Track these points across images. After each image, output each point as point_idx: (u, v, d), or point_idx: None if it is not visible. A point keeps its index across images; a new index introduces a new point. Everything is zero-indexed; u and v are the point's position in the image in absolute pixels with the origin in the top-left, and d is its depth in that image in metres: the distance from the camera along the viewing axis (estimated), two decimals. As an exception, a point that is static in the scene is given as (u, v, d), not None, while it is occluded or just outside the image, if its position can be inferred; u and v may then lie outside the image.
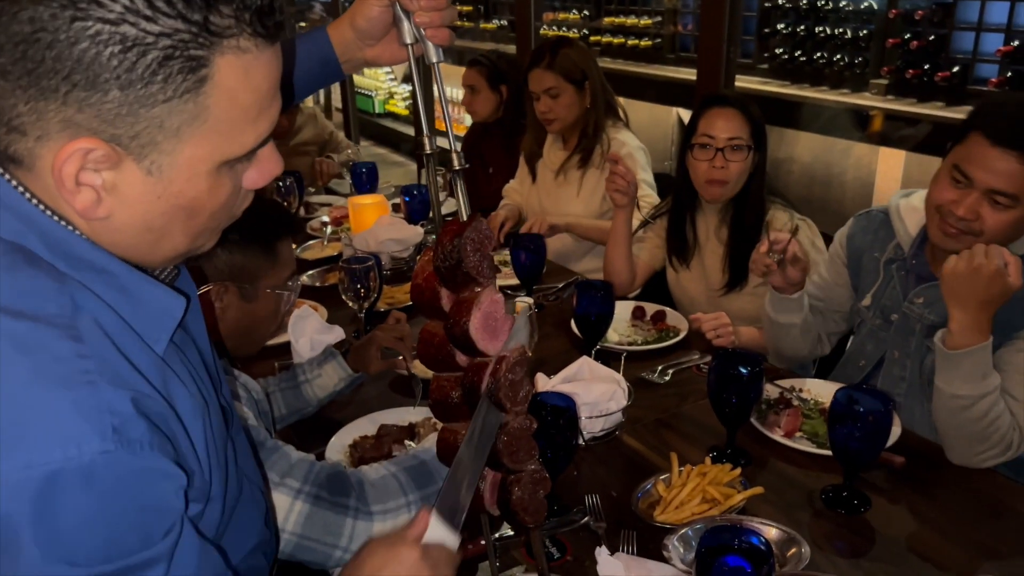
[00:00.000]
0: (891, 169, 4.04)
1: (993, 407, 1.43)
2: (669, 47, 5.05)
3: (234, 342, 1.44)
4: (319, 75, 1.12)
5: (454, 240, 0.95)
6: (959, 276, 1.40)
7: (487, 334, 0.98)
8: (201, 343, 0.85)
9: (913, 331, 1.69)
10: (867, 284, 1.81)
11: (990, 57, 3.47)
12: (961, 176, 1.50)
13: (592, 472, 1.53)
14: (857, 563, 1.27)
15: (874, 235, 1.80)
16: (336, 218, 2.92)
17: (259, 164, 0.75)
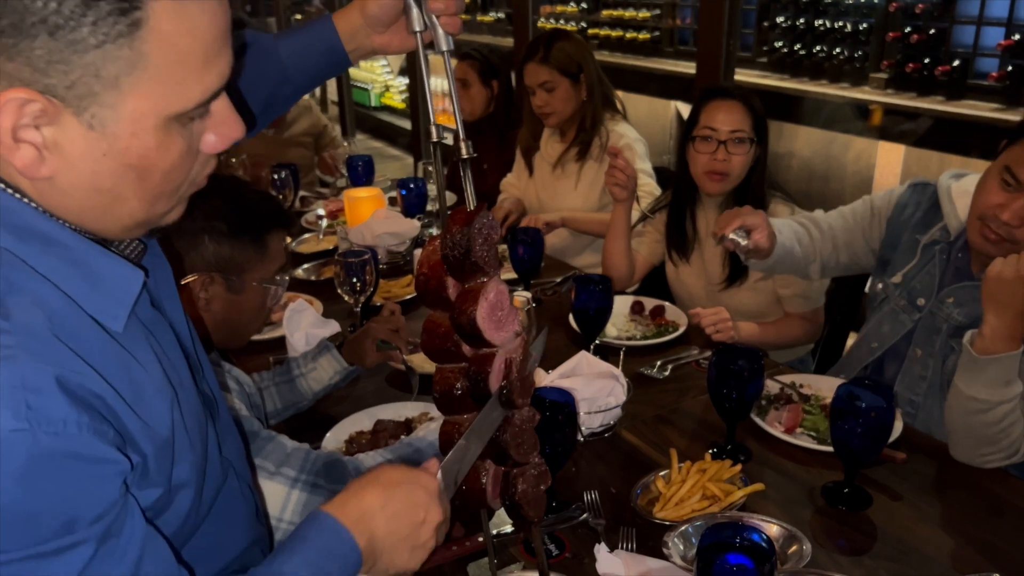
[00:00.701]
0: (890, 164, 4.03)
1: (1009, 414, 1.39)
2: (668, 40, 5.04)
3: (220, 334, 1.41)
4: (325, 65, 1.09)
5: (464, 229, 0.94)
6: (1003, 282, 1.34)
7: (494, 324, 0.97)
8: (178, 327, 0.83)
9: (939, 330, 1.63)
10: (900, 262, 1.75)
11: (991, 51, 3.46)
12: (1012, 179, 1.44)
13: (591, 468, 1.51)
14: (859, 560, 1.26)
15: (924, 213, 1.73)
16: (332, 211, 2.90)
17: (217, 127, 0.72)
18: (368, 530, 0.82)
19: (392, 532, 0.84)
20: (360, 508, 0.83)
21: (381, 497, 0.84)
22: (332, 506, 0.83)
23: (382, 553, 0.83)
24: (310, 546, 0.79)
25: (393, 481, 0.86)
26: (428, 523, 0.86)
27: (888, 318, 1.75)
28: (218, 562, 0.78)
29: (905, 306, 1.71)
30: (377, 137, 8.34)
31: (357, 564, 0.81)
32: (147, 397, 0.71)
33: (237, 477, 0.89)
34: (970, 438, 1.44)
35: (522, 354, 1.01)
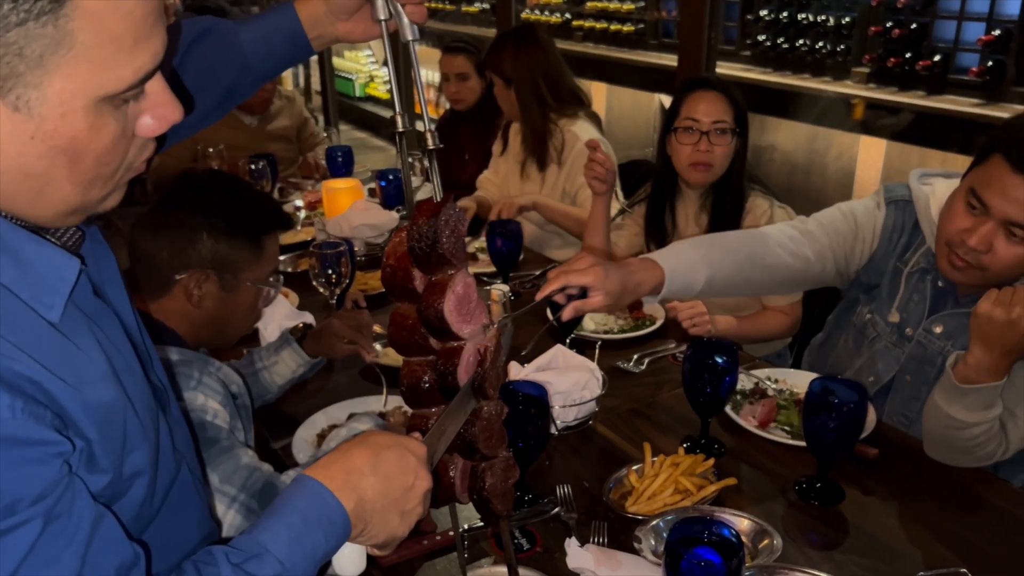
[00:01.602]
0: (872, 158, 4.04)
1: (984, 434, 1.38)
2: (652, 33, 5.03)
3: (209, 332, 1.40)
4: (287, 52, 1.08)
5: (430, 220, 0.93)
6: (993, 322, 1.29)
7: (461, 317, 0.96)
8: (124, 316, 0.81)
9: (932, 362, 1.56)
10: (889, 294, 1.64)
11: (971, 46, 3.47)
12: (977, 202, 1.38)
13: (565, 462, 1.50)
14: (829, 555, 1.26)
15: (908, 238, 1.62)
16: (310, 202, 2.87)
17: (153, 109, 0.70)
18: (356, 493, 0.79)
19: (383, 495, 0.81)
20: (347, 470, 0.80)
21: (370, 459, 0.81)
22: (316, 468, 0.80)
23: (372, 516, 0.81)
24: (292, 512, 0.76)
25: (382, 443, 0.83)
26: (417, 488, 0.83)
27: (882, 355, 1.66)
28: (174, 555, 0.76)
29: (896, 340, 1.64)
30: (361, 128, 8.29)
31: (345, 529, 0.78)
32: (90, 383, 0.69)
33: (190, 471, 0.87)
34: (944, 446, 1.44)
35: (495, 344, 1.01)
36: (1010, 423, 1.41)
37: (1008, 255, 1.38)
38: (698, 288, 1.48)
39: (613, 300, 1.32)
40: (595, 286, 1.29)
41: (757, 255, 1.56)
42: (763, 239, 1.60)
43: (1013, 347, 1.30)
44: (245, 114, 3.33)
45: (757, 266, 1.56)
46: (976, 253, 1.39)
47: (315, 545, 0.76)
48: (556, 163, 2.68)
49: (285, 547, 0.73)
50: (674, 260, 1.44)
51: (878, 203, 1.67)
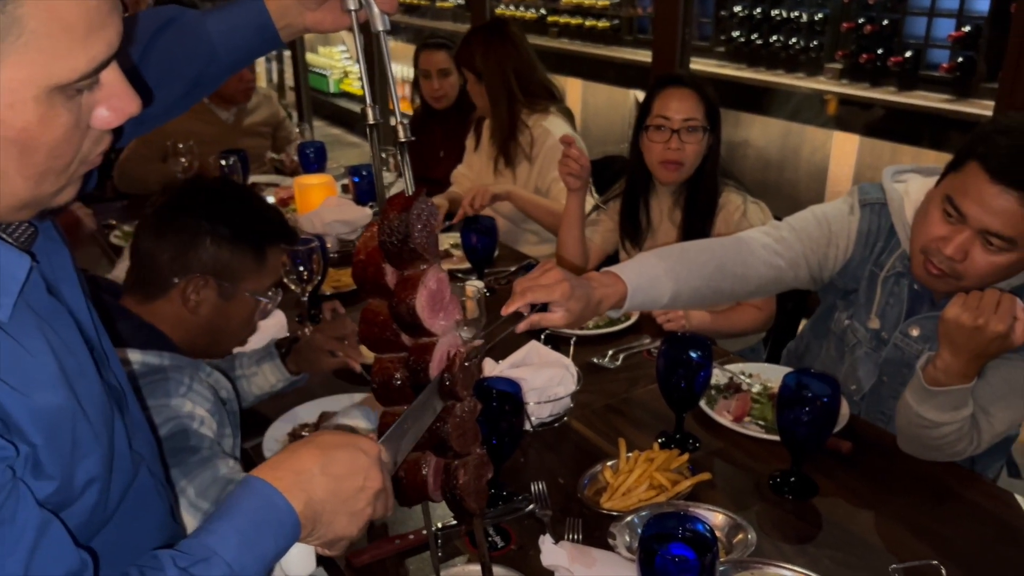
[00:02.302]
0: (845, 154, 4.07)
1: (955, 433, 1.38)
2: (627, 29, 5.03)
3: (204, 341, 1.37)
4: (255, 42, 1.05)
5: (402, 215, 0.92)
6: (961, 328, 1.27)
7: (434, 312, 0.95)
8: (80, 315, 0.78)
9: (909, 364, 1.54)
10: (867, 299, 1.63)
11: (942, 43, 3.50)
12: (954, 210, 1.36)
13: (540, 459, 1.50)
14: (803, 549, 1.26)
15: (884, 242, 1.60)
16: (282, 199, 2.84)
17: (109, 100, 0.68)
18: (305, 493, 0.77)
19: (333, 495, 0.79)
20: (296, 470, 0.78)
21: (320, 459, 0.79)
22: (265, 469, 0.78)
23: (321, 517, 0.79)
24: (240, 514, 0.74)
25: (332, 443, 0.82)
26: (367, 489, 0.81)
27: (862, 362, 1.65)
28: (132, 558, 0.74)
29: (875, 345, 1.63)
30: (336, 124, 8.22)
31: (294, 530, 0.77)
32: (37, 387, 0.67)
33: (150, 473, 0.85)
34: (916, 442, 1.44)
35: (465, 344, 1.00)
36: (983, 421, 1.42)
37: (984, 264, 1.36)
38: (663, 302, 1.45)
39: (574, 319, 1.28)
40: (559, 303, 1.25)
41: (728, 266, 1.53)
42: (735, 248, 1.57)
43: (981, 351, 1.29)
44: (221, 109, 3.29)
45: (728, 276, 1.53)
46: (952, 262, 1.38)
47: (264, 547, 0.74)
48: (527, 159, 2.67)
49: (233, 550, 0.72)
50: (637, 275, 1.40)
51: (852, 207, 1.64)
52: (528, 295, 1.25)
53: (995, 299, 1.26)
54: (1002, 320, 1.24)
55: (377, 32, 0.96)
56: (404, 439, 0.90)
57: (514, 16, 5.92)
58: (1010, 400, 1.42)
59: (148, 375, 1.18)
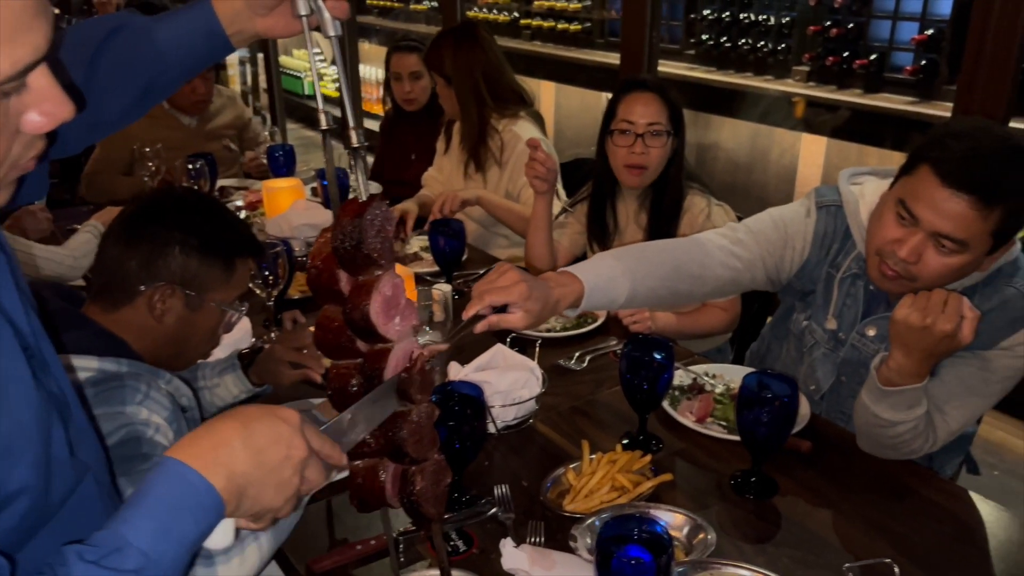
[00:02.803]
0: (813, 155, 4.11)
1: (910, 432, 1.40)
2: (599, 32, 5.04)
3: (167, 351, 1.36)
4: (205, 49, 1.04)
5: (354, 220, 0.92)
6: (910, 328, 1.29)
7: (389, 319, 0.95)
8: (17, 320, 0.77)
9: (866, 364, 1.54)
10: (823, 300, 1.65)
11: (905, 46, 3.55)
12: (906, 213, 1.38)
13: (504, 462, 1.50)
14: (762, 548, 1.27)
15: (840, 243, 1.62)
16: (251, 203, 2.82)
17: (39, 104, 0.66)
18: (226, 468, 0.74)
19: (256, 467, 0.75)
20: (214, 445, 0.75)
21: (239, 431, 0.76)
22: (179, 447, 0.75)
23: (246, 490, 0.75)
24: (154, 499, 0.71)
25: (252, 415, 0.78)
26: (292, 458, 0.78)
27: (821, 363, 1.67)
28: None
29: (834, 346, 1.65)
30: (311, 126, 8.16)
31: (217, 507, 0.73)
32: None
33: (96, 482, 0.84)
34: (873, 441, 1.47)
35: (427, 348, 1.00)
36: (938, 418, 1.44)
37: (937, 266, 1.38)
38: (620, 302, 1.46)
39: (533, 319, 1.29)
40: (518, 304, 1.26)
41: (684, 266, 1.55)
42: (692, 249, 1.59)
43: (932, 350, 1.31)
44: (183, 114, 3.25)
45: (684, 277, 1.55)
46: (906, 264, 1.40)
47: (183, 530, 0.71)
48: (497, 164, 2.67)
49: (148, 537, 0.69)
50: (594, 274, 1.41)
51: (808, 209, 1.66)
52: (487, 298, 1.26)
53: (942, 299, 1.28)
54: (949, 320, 1.26)
55: (328, 37, 0.96)
56: (353, 430, 0.88)
57: (487, 19, 5.92)
58: (963, 398, 1.44)
59: (104, 382, 1.17)
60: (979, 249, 1.36)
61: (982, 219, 1.32)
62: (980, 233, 1.34)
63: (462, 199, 2.49)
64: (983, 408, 1.48)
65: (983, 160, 1.31)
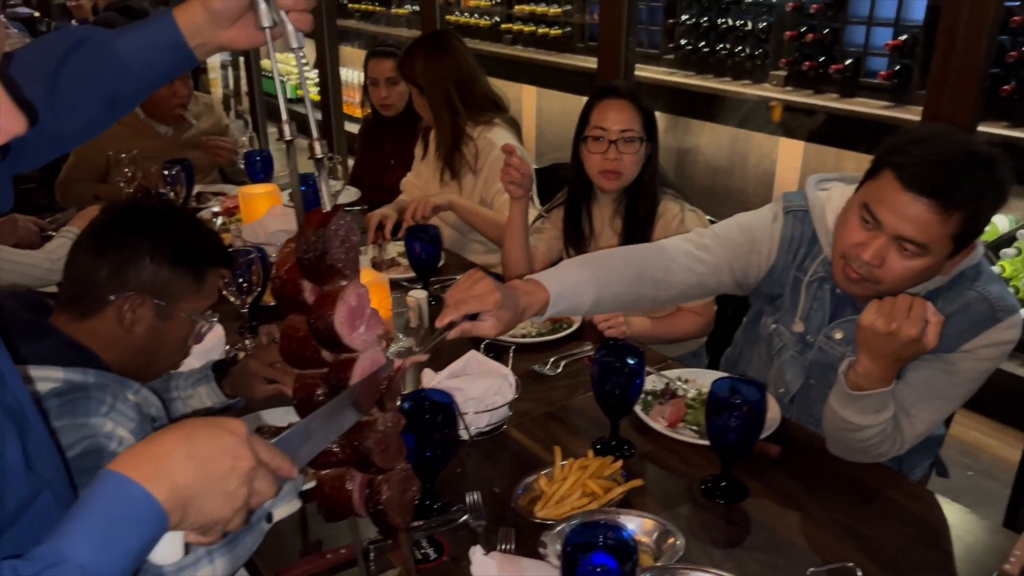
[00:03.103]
0: (791, 159, 4.15)
1: (878, 435, 1.41)
2: (579, 36, 5.06)
3: (136, 361, 1.35)
4: (169, 61, 1.04)
5: (318, 231, 0.92)
6: (876, 334, 1.31)
7: (353, 328, 0.95)
8: None
9: (834, 367, 1.55)
10: (791, 303, 1.66)
11: (880, 51, 3.59)
12: (870, 217, 1.40)
13: (477, 468, 1.50)
14: (731, 553, 1.28)
15: (807, 248, 1.64)
16: (228, 208, 2.81)
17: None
18: (168, 479, 0.72)
19: (201, 476, 0.74)
20: (156, 457, 0.73)
21: (183, 441, 0.75)
22: (120, 460, 0.73)
23: (191, 502, 0.74)
24: (94, 512, 0.69)
25: (196, 425, 0.78)
26: (237, 468, 0.77)
27: (789, 365, 1.69)
28: None
29: (801, 348, 1.66)
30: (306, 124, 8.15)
31: (160, 520, 0.72)
32: None
33: (55, 496, 0.83)
34: (842, 445, 1.48)
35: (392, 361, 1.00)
36: (905, 421, 1.46)
37: (900, 269, 1.40)
38: (585, 307, 1.49)
39: (503, 327, 1.31)
40: (491, 312, 1.29)
41: (648, 272, 1.58)
42: (656, 255, 1.61)
43: (897, 355, 1.33)
44: (160, 123, 3.25)
45: (648, 282, 1.57)
46: (870, 267, 1.41)
47: (124, 544, 0.70)
48: (472, 171, 2.67)
49: (88, 551, 0.67)
50: (559, 282, 1.44)
51: (776, 214, 1.68)
52: (462, 307, 1.28)
53: (907, 304, 1.30)
54: (914, 324, 1.28)
55: (292, 48, 0.96)
56: (304, 444, 0.87)
57: (468, 23, 5.93)
58: (929, 401, 1.46)
59: (69, 392, 1.16)
60: (940, 253, 1.38)
61: (942, 223, 1.34)
62: (941, 237, 1.36)
63: (434, 204, 2.48)
64: (949, 410, 1.50)
65: (943, 165, 1.34)
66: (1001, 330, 1.43)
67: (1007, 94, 3.08)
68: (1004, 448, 3.03)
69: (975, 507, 1.42)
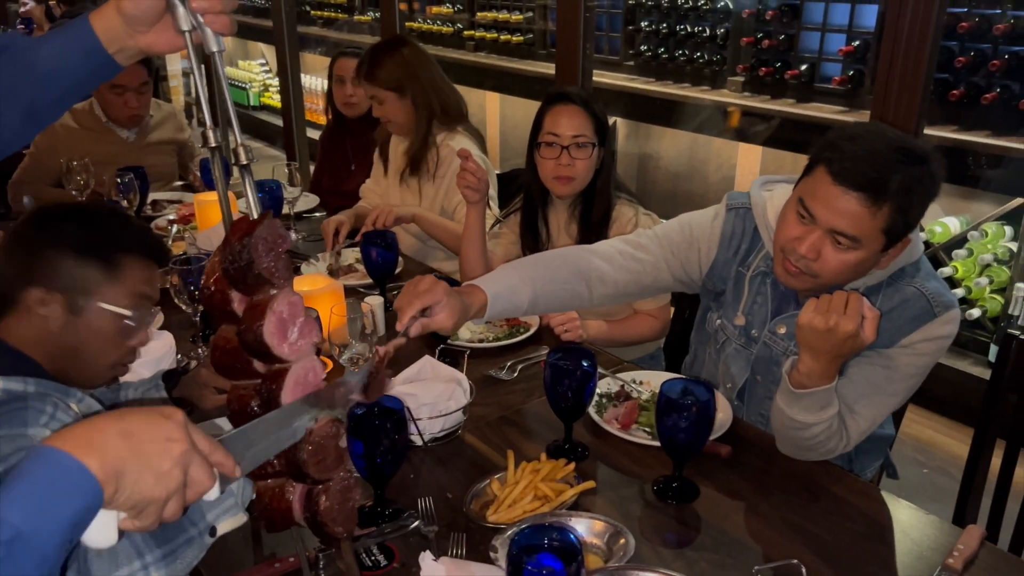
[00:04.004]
0: (750, 163, 4.20)
1: (824, 432, 1.44)
2: (541, 43, 5.09)
3: (68, 363, 1.32)
4: (87, 68, 1.01)
5: (243, 240, 0.90)
6: (815, 331, 1.34)
7: (283, 338, 0.93)
8: None
9: (778, 362, 1.61)
10: (734, 298, 1.70)
11: (834, 56, 3.66)
12: (805, 212, 1.43)
13: (431, 474, 1.49)
14: (681, 553, 1.29)
15: (748, 243, 1.68)
16: (183, 216, 2.77)
17: None
18: (99, 450, 0.72)
19: (133, 452, 0.73)
20: (87, 430, 0.73)
21: (116, 419, 0.75)
22: (53, 437, 0.73)
23: (124, 476, 0.73)
24: (24, 481, 0.69)
25: (131, 409, 0.78)
26: (172, 450, 0.75)
27: (733, 359, 1.71)
28: None
29: (745, 342, 1.69)
30: (257, 137, 8.07)
31: (94, 491, 0.71)
32: None
33: None
34: (790, 444, 1.50)
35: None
36: (849, 418, 1.48)
37: (835, 262, 1.43)
38: (523, 307, 1.57)
39: (457, 317, 1.39)
40: (441, 303, 1.37)
41: (582, 271, 1.64)
42: (588, 256, 1.68)
43: (837, 351, 1.35)
44: (121, 128, 3.23)
45: (583, 281, 1.64)
46: (807, 260, 1.44)
47: (59, 510, 0.69)
48: (431, 179, 2.67)
49: (22, 513, 0.67)
50: (495, 284, 1.52)
51: (717, 212, 1.72)
52: (416, 303, 1.35)
53: (843, 300, 1.33)
54: (851, 320, 1.31)
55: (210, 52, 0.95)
56: (252, 446, 0.86)
57: (430, 30, 5.93)
58: (871, 397, 1.49)
59: (7, 403, 1.13)
60: (873, 246, 1.41)
61: (872, 216, 1.37)
62: (872, 230, 1.39)
63: (397, 215, 2.47)
64: (892, 406, 1.52)
65: (872, 160, 1.37)
66: (938, 325, 1.46)
67: (956, 99, 3.15)
68: (958, 445, 3.09)
69: (929, 504, 1.44)
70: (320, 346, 0.98)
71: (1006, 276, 3.31)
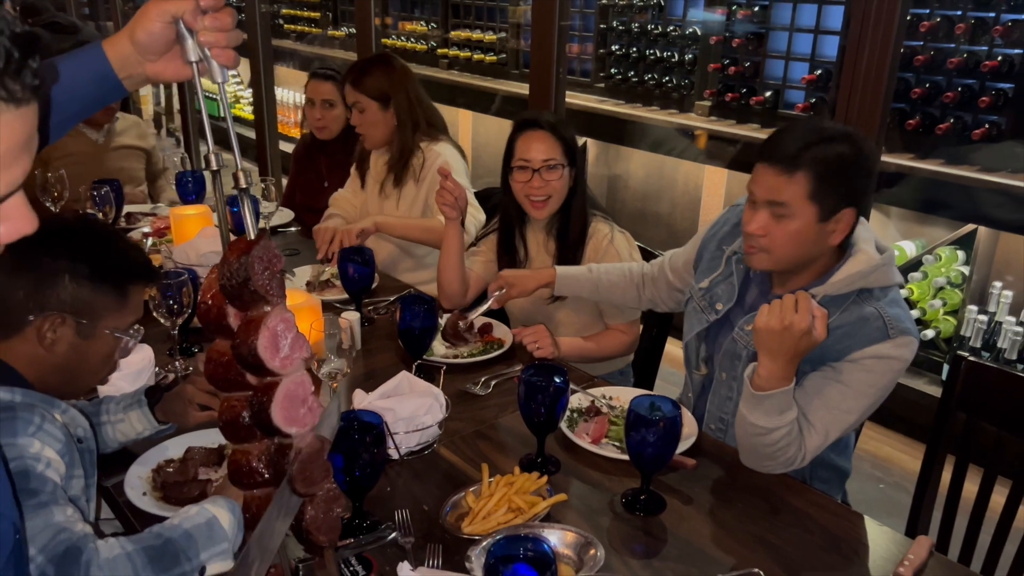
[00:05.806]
0: (715, 185, 4.31)
1: (785, 438, 1.52)
2: (514, 63, 5.17)
3: (57, 379, 1.33)
4: (97, 92, 1.05)
5: (241, 258, 0.95)
6: (772, 332, 1.45)
7: (276, 353, 0.97)
8: None
9: (740, 357, 1.74)
10: (708, 269, 1.88)
11: (797, 84, 3.78)
12: (751, 196, 1.63)
13: (407, 487, 1.53)
14: (648, 563, 1.35)
15: (733, 228, 1.86)
16: (159, 229, 2.79)
17: (6, 222, 0.70)
18: None
19: None
20: None
21: None
22: None
23: None
24: None
25: None
26: None
27: (690, 316, 1.89)
28: None
29: (705, 307, 1.84)
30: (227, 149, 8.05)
31: None
32: None
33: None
34: (753, 453, 1.58)
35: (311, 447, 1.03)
36: (805, 428, 1.56)
37: (781, 234, 1.59)
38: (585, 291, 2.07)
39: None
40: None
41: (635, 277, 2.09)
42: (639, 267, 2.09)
43: (794, 351, 1.47)
44: (91, 130, 3.39)
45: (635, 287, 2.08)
46: (757, 237, 1.61)
47: None
48: (415, 180, 2.72)
49: None
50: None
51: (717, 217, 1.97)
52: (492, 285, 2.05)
53: (793, 301, 1.46)
54: (803, 317, 1.44)
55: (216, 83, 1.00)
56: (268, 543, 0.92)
57: (404, 47, 5.99)
58: (825, 411, 1.57)
59: None
60: (805, 214, 1.56)
61: (789, 182, 1.54)
62: (796, 197, 1.55)
63: (359, 230, 2.49)
64: (845, 423, 1.58)
65: (786, 136, 1.58)
66: (888, 346, 1.55)
67: (912, 128, 3.28)
68: (914, 461, 3.18)
69: (885, 518, 1.52)
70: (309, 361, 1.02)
71: (959, 299, 3.44)
